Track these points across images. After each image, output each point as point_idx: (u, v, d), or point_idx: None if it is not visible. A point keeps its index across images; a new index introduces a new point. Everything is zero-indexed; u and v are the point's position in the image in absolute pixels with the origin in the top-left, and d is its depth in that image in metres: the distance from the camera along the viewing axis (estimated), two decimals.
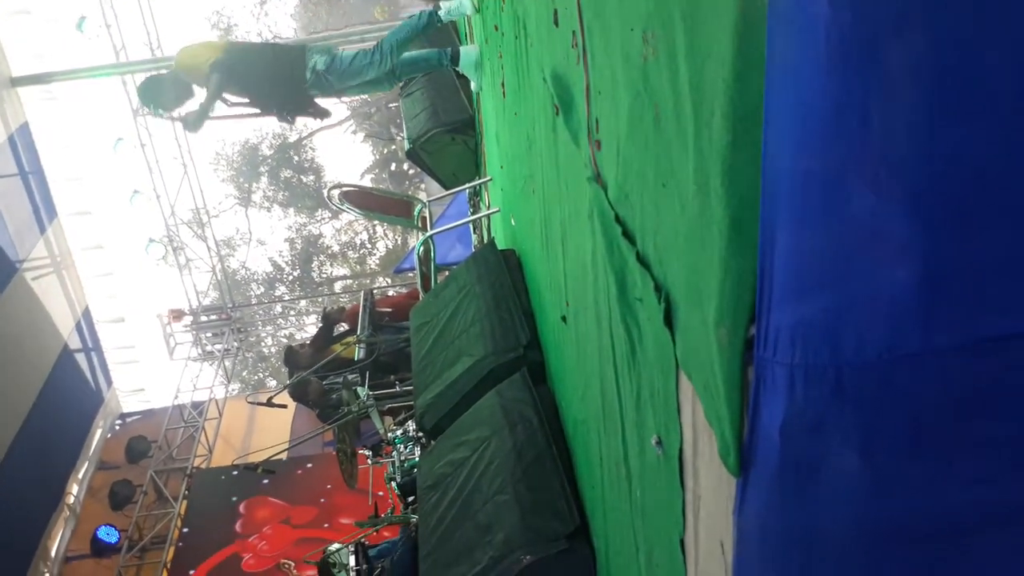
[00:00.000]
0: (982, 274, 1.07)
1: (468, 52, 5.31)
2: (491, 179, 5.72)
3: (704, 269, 1.23)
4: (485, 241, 7.07)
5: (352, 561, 5.36)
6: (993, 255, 1.05)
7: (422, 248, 6.05)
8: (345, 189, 5.99)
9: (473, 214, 7.53)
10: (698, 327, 1.31)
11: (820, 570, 1.21)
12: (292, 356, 7.83)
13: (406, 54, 5.25)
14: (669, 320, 1.49)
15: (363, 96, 23.11)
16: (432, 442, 4.41)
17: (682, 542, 1.66)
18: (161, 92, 5.28)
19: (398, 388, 7.00)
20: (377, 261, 24.54)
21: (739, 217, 1.11)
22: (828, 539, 1.20)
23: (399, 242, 23.43)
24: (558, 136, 2.63)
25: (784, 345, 1.14)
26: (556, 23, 2.38)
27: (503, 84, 4.21)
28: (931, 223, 1.05)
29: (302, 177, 23.51)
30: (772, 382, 1.17)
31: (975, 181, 1.03)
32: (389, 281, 21.24)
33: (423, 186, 19.63)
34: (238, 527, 9.73)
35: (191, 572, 9.39)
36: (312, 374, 6.99)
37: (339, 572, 5.46)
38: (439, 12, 5.19)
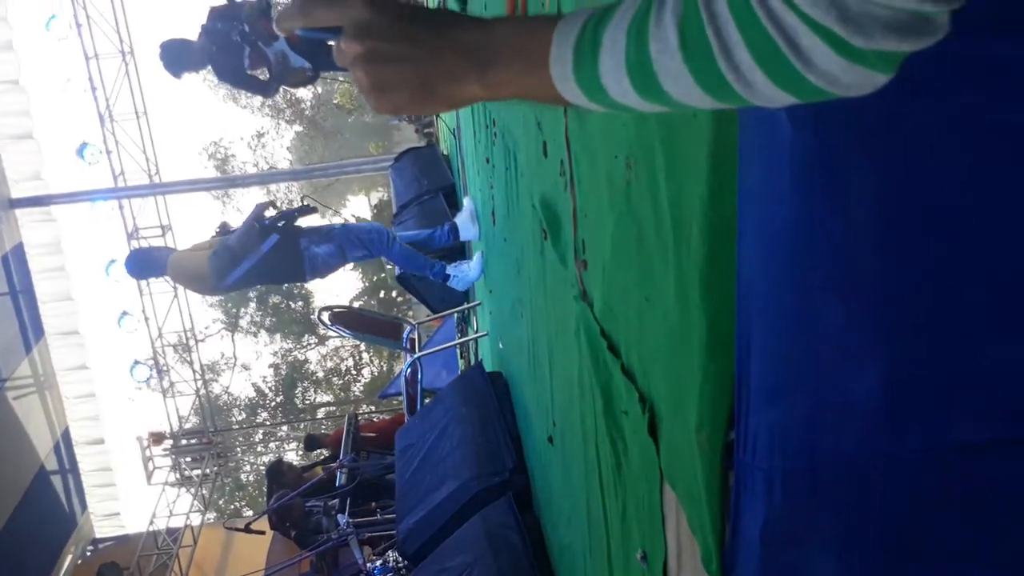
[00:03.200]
0: (951, 383, 1.11)
1: (465, 223, 5.51)
2: (480, 303, 5.82)
3: (685, 376, 1.29)
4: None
5: None
6: (961, 365, 1.10)
7: (410, 370, 6.08)
8: (336, 311, 6.07)
9: (461, 338, 7.59)
10: (681, 435, 1.36)
11: None
12: (277, 473, 7.73)
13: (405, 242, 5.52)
14: (653, 430, 1.53)
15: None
16: (413, 569, 4.31)
17: None
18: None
19: (379, 516, 6.88)
20: (361, 388, 24.38)
21: (716, 325, 1.17)
22: None
23: (384, 368, 23.37)
24: (546, 259, 2.73)
25: (763, 448, 1.18)
26: (545, 154, 2.51)
27: (493, 213, 4.36)
28: (895, 333, 1.11)
29: (291, 303, 23.65)
30: (752, 486, 1.21)
31: (938, 293, 1.09)
32: (373, 408, 21.04)
33: (411, 313, 19.75)
34: None
35: None
36: (297, 496, 6.88)
37: None
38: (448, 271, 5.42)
